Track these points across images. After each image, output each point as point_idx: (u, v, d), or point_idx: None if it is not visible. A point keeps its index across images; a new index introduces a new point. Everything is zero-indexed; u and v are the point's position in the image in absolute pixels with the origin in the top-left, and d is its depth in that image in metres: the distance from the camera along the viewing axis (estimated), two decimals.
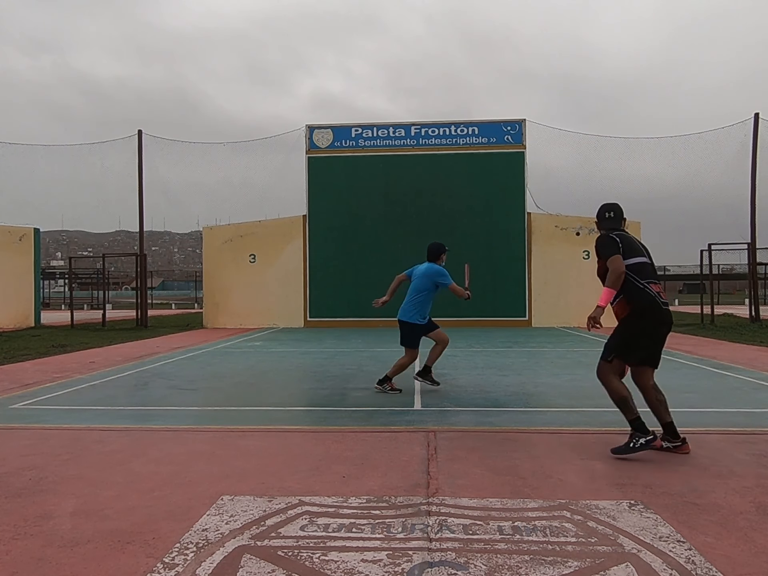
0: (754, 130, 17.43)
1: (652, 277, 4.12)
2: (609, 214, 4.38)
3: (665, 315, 4.06)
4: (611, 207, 4.41)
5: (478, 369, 8.42)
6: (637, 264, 4.07)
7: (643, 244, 4.29)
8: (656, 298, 4.02)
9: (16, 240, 17.99)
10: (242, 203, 19.58)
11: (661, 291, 4.11)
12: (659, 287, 4.11)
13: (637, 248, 4.18)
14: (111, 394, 6.58)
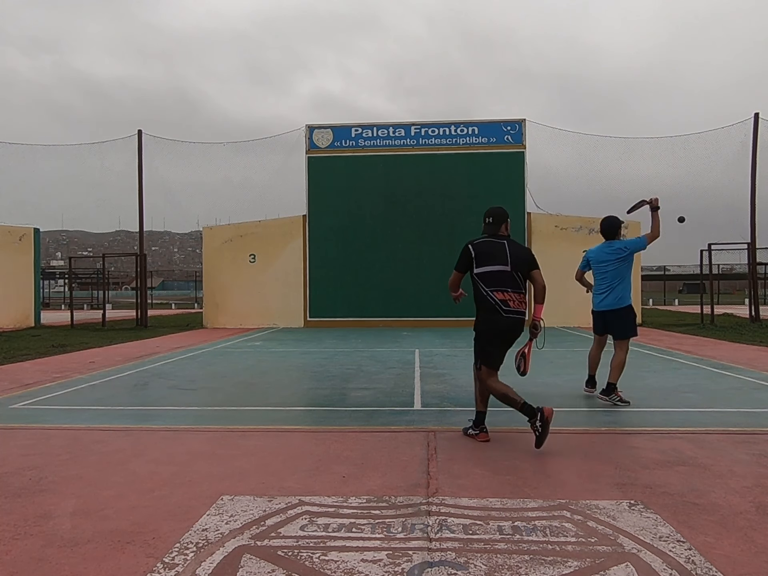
0: (754, 130, 17.43)
1: (498, 285, 4.31)
2: (488, 219, 4.54)
3: (504, 322, 4.32)
4: (491, 212, 4.55)
5: None
6: (486, 273, 4.34)
7: (516, 250, 4.41)
8: (497, 305, 4.30)
9: (16, 240, 17.99)
10: (242, 203, 19.59)
11: (509, 300, 4.30)
12: (506, 295, 4.30)
13: (497, 257, 4.35)
14: (111, 394, 6.59)
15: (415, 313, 17.62)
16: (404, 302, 17.71)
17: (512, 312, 4.33)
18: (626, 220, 18.04)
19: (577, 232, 17.63)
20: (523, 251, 4.52)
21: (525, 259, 4.44)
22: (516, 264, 4.37)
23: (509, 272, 4.34)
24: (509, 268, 4.34)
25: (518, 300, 4.36)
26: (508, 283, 4.34)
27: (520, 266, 4.39)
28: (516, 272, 4.36)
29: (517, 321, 4.38)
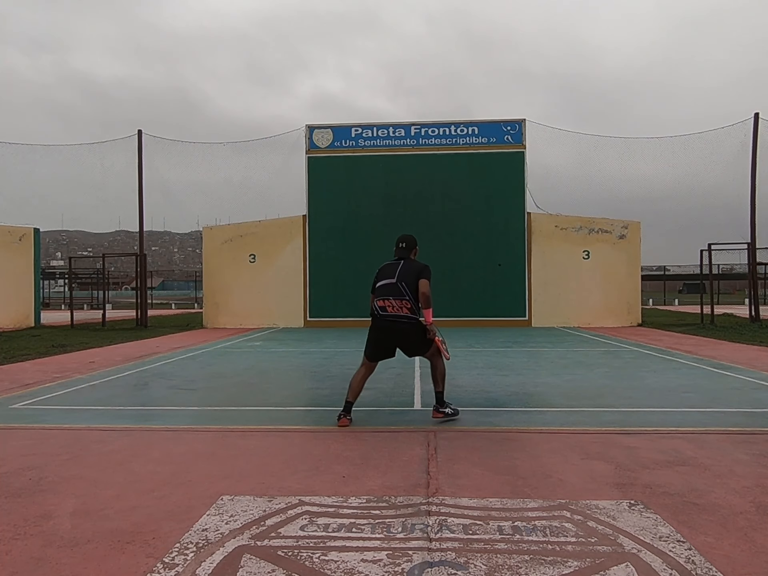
0: (754, 130, 17.43)
1: (380, 295, 5.10)
2: (401, 244, 5.29)
3: (379, 324, 5.13)
4: (403, 239, 5.32)
5: (478, 369, 8.42)
6: (377, 286, 5.18)
7: (402, 266, 5.11)
8: (375, 310, 5.15)
9: (16, 240, 17.99)
10: (242, 203, 19.59)
11: (388, 306, 5.05)
12: (385, 302, 5.07)
13: (386, 273, 5.16)
14: (111, 394, 6.58)
15: None
16: None
17: (385, 316, 5.07)
18: (625, 221, 18.01)
19: (577, 232, 17.63)
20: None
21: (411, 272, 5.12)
22: (401, 276, 5.06)
23: (388, 284, 5.09)
24: (394, 281, 5.07)
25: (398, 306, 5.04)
26: (387, 292, 5.08)
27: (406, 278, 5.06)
28: (400, 283, 5.04)
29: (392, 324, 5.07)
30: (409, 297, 5.00)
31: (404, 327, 5.03)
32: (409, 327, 5.04)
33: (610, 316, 17.14)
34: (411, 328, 5.04)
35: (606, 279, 17.27)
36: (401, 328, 5.03)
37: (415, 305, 5.02)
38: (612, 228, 17.56)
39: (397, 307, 5.01)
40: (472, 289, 17.60)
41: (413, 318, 5.03)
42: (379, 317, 5.11)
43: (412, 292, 5.00)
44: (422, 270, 5.05)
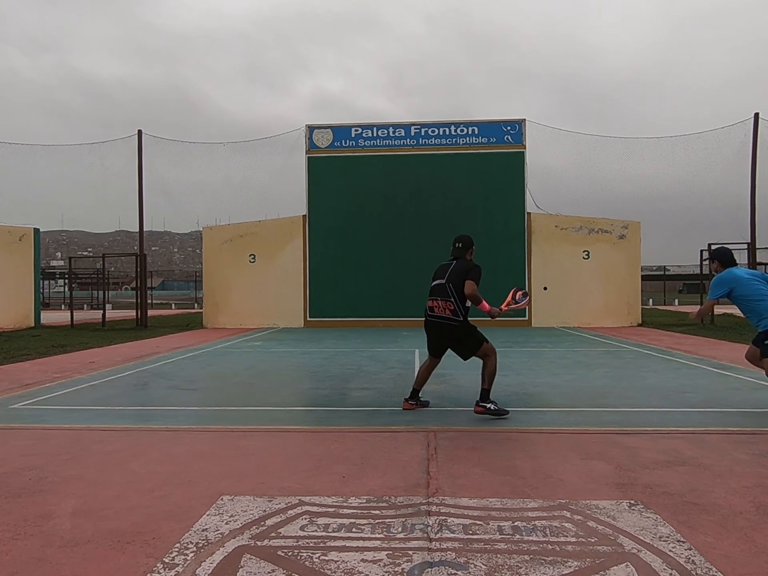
0: (754, 130, 17.43)
1: (431, 295, 5.35)
2: (458, 244, 5.51)
3: (427, 324, 5.39)
4: (459, 239, 5.53)
5: (478, 369, 8.41)
6: (431, 286, 5.41)
7: (453, 266, 5.32)
8: (426, 310, 5.39)
9: (16, 240, 17.98)
10: (242, 203, 19.61)
11: (435, 306, 5.28)
12: (433, 303, 5.31)
13: (439, 274, 5.39)
14: (111, 394, 6.58)
15: (415, 313, 17.49)
16: (404, 302, 17.69)
17: (433, 316, 5.30)
18: (625, 221, 18.00)
19: (577, 232, 17.63)
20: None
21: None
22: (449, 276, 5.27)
23: (436, 285, 5.33)
24: (442, 281, 5.28)
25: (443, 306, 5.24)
26: (435, 293, 5.31)
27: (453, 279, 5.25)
28: (448, 284, 5.23)
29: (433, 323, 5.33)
30: (454, 298, 5.16)
31: (445, 328, 5.23)
32: (450, 328, 5.22)
33: (610, 316, 17.13)
34: (451, 329, 5.22)
35: (606, 279, 17.27)
36: (442, 328, 5.26)
37: (458, 306, 5.16)
38: (612, 228, 17.56)
39: (441, 308, 5.22)
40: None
41: (454, 319, 5.18)
42: (427, 316, 5.39)
43: (458, 293, 5.15)
44: (470, 270, 5.19)
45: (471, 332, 5.26)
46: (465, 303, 5.17)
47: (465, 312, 5.20)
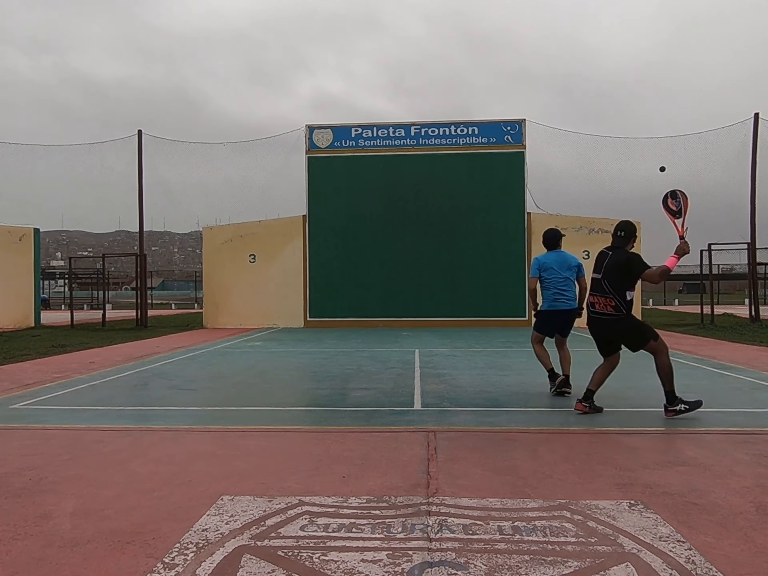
0: (754, 130, 17.43)
1: (591, 290, 5.26)
2: (620, 233, 5.29)
3: (590, 321, 5.29)
4: (621, 226, 5.34)
5: (478, 369, 8.42)
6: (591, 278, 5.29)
7: (609, 259, 5.16)
8: (587, 306, 5.34)
9: (16, 240, 17.98)
10: (242, 203, 19.60)
11: (596, 302, 5.16)
12: (594, 298, 5.19)
13: (597, 265, 5.24)
14: (111, 394, 6.59)
15: (415, 313, 17.63)
16: (404, 302, 17.71)
17: (596, 313, 5.19)
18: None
19: (577, 232, 17.62)
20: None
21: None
22: (606, 270, 5.13)
23: (595, 279, 5.20)
24: (600, 276, 5.15)
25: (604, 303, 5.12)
26: (594, 289, 5.21)
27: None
28: (604, 281, 5.10)
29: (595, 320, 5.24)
30: (613, 294, 5.02)
31: (607, 323, 5.12)
32: (611, 323, 5.10)
33: None
34: (613, 324, 5.09)
35: None
36: (605, 324, 5.15)
37: (619, 302, 5.02)
38: (612, 228, 17.54)
39: (602, 305, 5.11)
40: (472, 289, 17.60)
41: (616, 315, 5.05)
42: (589, 313, 5.28)
43: (616, 289, 5.01)
44: (630, 265, 4.99)
45: (637, 327, 5.12)
46: (626, 297, 5.03)
47: (628, 305, 5.06)
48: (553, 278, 6.31)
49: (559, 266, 6.30)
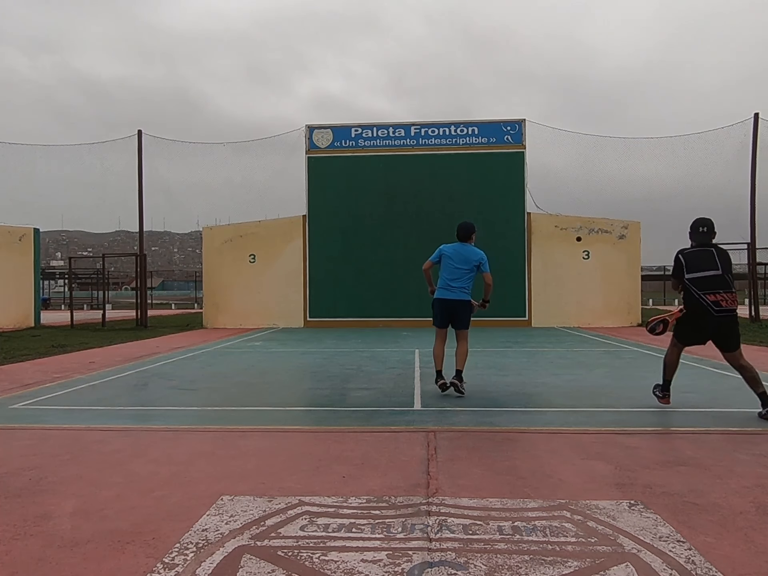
0: (754, 130, 17.43)
1: (710, 288, 5.00)
2: (702, 228, 5.20)
3: (713, 319, 5.01)
4: (702, 222, 5.24)
5: (478, 369, 8.42)
6: (701, 277, 5.05)
7: (717, 255, 5.08)
8: (707, 306, 5.00)
9: (16, 240, 17.98)
10: (242, 203, 19.60)
11: (722, 300, 4.98)
12: (718, 296, 4.98)
13: (701, 264, 5.06)
14: (111, 394, 6.58)
15: (415, 313, 17.60)
16: (404, 302, 17.70)
17: (720, 311, 5.03)
18: (625, 221, 17.97)
19: (576, 232, 17.63)
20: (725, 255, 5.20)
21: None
22: (724, 267, 5.06)
23: (713, 276, 5.03)
24: (719, 271, 5.03)
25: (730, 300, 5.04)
26: (717, 286, 5.03)
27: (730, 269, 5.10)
28: (726, 275, 5.03)
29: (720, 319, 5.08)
30: (734, 290, 5.10)
31: (732, 320, 5.13)
32: (734, 320, 5.16)
33: (610, 316, 17.13)
34: (735, 321, 5.16)
35: (606, 279, 17.27)
36: (731, 322, 5.13)
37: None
38: (612, 228, 17.56)
39: (730, 301, 5.06)
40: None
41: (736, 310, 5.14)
42: (713, 312, 5.07)
43: (732, 283, 5.07)
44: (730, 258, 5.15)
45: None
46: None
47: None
48: (446, 267, 6.43)
49: (457, 258, 6.43)
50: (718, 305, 4.99)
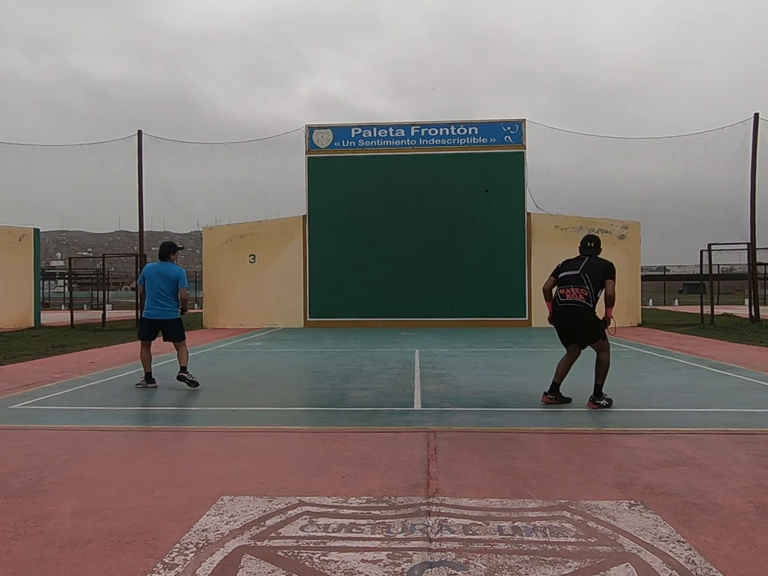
0: (754, 130, 17.43)
1: (561, 284, 5.82)
2: (589, 243, 6.15)
3: (558, 312, 5.79)
4: (592, 238, 6.22)
5: (478, 369, 8.42)
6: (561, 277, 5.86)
7: (588, 260, 6.00)
8: (558, 298, 5.80)
9: (16, 240, 17.98)
10: (242, 203, 19.57)
11: (566, 293, 5.74)
12: (563, 291, 5.79)
13: (570, 266, 6.00)
14: (111, 395, 6.58)
15: (415, 313, 17.63)
16: (404, 302, 17.71)
17: (564, 303, 5.71)
18: (625, 221, 17.95)
19: (576, 232, 17.60)
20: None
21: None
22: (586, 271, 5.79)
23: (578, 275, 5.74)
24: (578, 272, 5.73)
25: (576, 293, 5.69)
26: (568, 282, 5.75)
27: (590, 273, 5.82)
28: (583, 274, 5.74)
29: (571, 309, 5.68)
30: (589, 287, 5.87)
31: (578, 311, 5.77)
32: (582, 310, 5.83)
33: None
34: (583, 311, 5.85)
35: None
36: (576, 312, 5.76)
37: (592, 294, 5.82)
38: (612, 228, 17.56)
39: (574, 294, 5.78)
40: (472, 289, 17.60)
41: (586, 304, 5.85)
42: (557, 304, 5.83)
43: (594, 284, 5.88)
44: (609, 267, 6.08)
45: (598, 322, 5.94)
46: (597, 294, 5.86)
47: (596, 301, 5.84)
48: (151, 287, 6.84)
49: (160, 277, 6.82)
50: (562, 297, 5.70)
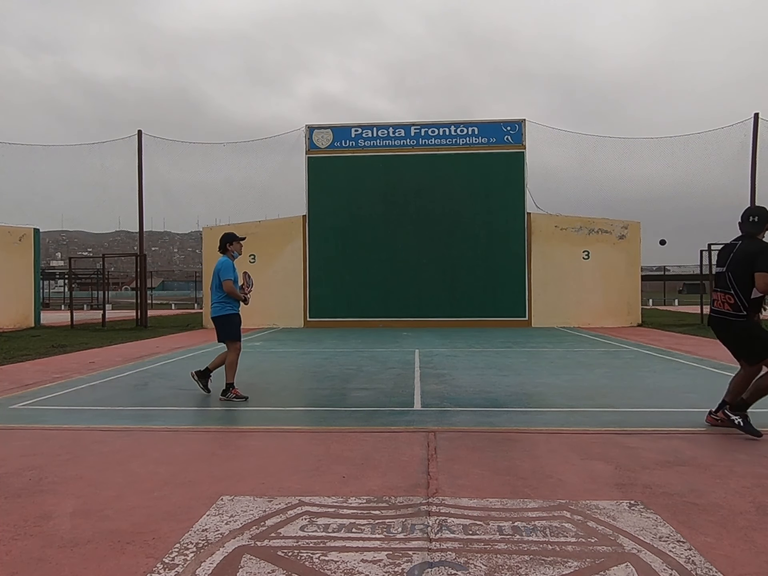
0: (754, 130, 17.43)
1: (714, 286, 4.62)
2: (753, 218, 4.47)
3: (710, 321, 4.71)
4: (756, 211, 4.54)
5: (478, 369, 8.42)
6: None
7: (737, 249, 4.48)
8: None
9: (16, 240, 17.98)
10: (242, 203, 19.58)
11: (715, 299, 4.60)
12: (714, 295, 4.61)
13: (721, 259, 4.58)
14: (111, 394, 6.58)
15: (415, 313, 17.63)
16: (404, 302, 17.71)
17: (715, 311, 4.62)
18: (625, 221, 17.97)
19: (576, 232, 17.63)
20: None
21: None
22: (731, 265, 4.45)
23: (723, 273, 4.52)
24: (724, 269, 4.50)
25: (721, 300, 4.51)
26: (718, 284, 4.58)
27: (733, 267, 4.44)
28: (728, 273, 4.45)
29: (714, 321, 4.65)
30: (735, 290, 4.43)
31: (725, 325, 4.52)
32: (729, 324, 4.52)
33: (610, 316, 17.13)
34: (731, 326, 4.51)
35: (606, 279, 17.27)
36: (722, 325, 4.57)
37: (740, 299, 4.37)
38: (612, 228, 17.56)
39: (720, 302, 4.54)
40: (472, 289, 17.61)
41: (735, 314, 4.43)
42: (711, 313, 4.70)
43: (740, 285, 4.39)
44: (760, 252, 4.30)
45: (756, 337, 4.46)
46: (750, 295, 4.38)
47: (752, 305, 4.40)
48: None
49: (214, 272, 6.40)
50: (712, 305, 4.68)
